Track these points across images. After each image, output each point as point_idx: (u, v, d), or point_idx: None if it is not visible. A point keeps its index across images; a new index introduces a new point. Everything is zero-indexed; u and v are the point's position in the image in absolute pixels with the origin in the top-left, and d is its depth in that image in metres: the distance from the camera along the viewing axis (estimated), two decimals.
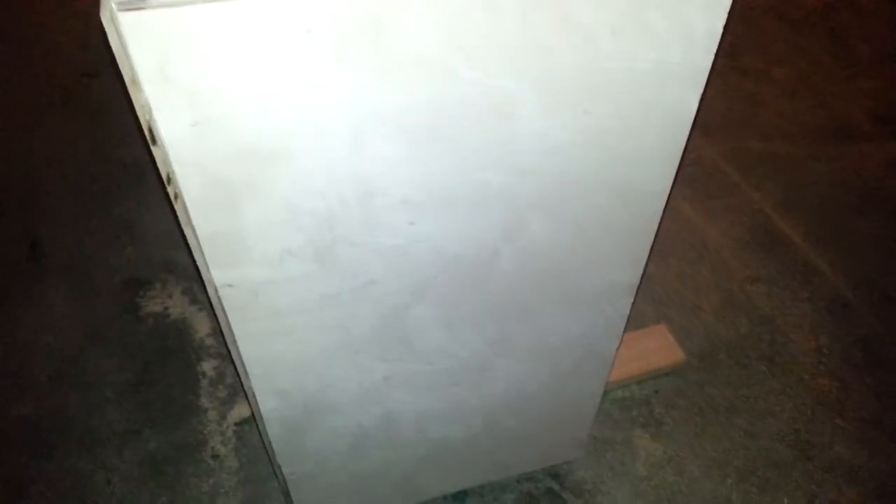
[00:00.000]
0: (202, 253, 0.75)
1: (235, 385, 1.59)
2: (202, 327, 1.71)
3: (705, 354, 1.66)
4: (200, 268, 0.78)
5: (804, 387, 1.61)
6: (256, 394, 0.96)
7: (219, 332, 1.69)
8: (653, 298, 1.75)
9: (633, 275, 1.00)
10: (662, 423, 1.53)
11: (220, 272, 0.78)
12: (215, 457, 1.47)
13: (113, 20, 0.55)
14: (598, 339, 1.12)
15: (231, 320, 0.83)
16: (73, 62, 2.44)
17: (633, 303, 1.06)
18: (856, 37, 2.63)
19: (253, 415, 1.52)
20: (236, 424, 1.53)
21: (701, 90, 0.77)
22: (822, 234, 1.93)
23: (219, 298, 0.81)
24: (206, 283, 0.80)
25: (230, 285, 0.80)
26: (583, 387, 1.23)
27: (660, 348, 1.62)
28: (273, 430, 1.03)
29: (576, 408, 1.28)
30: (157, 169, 0.68)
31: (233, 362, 1.59)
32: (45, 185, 2.03)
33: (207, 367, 1.63)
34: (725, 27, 0.71)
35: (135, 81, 0.59)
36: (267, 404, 0.98)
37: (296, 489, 1.18)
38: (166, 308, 1.75)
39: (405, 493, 1.34)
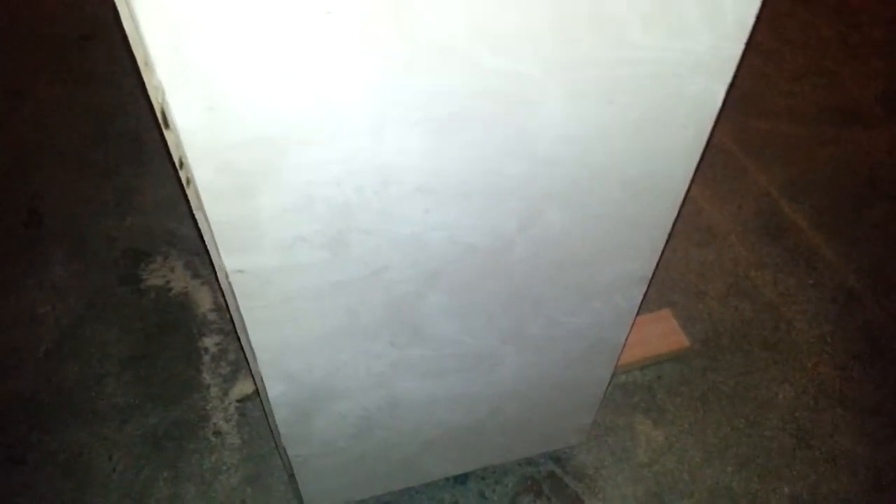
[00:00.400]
0: (213, 238, 0.73)
1: (238, 361, 1.59)
2: (204, 302, 1.70)
3: (709, 340, 1.66)
4: (211, 253, 0.76)
5: (806, 375, 1.61)
6: (265, 378, 0.95)
7: (222, 307, 1.67)
8: (658, 283, 1.74)
9: (646, 267, 0.99)
10: (664, 409, 1.53)
11: (231, 258, 0.76)
12: (217, 433, 1.47)
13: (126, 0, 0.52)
14: (607, 329, 1.11)
15: (241, 306, 0.82)
16: (66, 23, 2.37)
17: (646, 293, 1.05)
18: (868, 18, 2.59)
19: (256, 392, 1.51)
20: (238, 401, 1.52)
21: (728, 82, 0.75)
22: (829, 220, 1.92)
23: (229, 284, 0.79)
24: (217, 269, 0.78)
25: (241, 271, 0.78)
26: (589, 375, 1.22)
27: (664, 334, 1.61)
28: (280, 414, 1.02)
29: (581, 395, 1.28)
30: (157, 138, 0.66)
31: (237, 339, 1.58)
32: (39, 152, 1.99)
33: (210, 342, 1.62)
34: (758, 17, 0.69)
35: (148, 63, 0.57)
36: (275, 389, 0.97)
37: (300, 470, 1.18)
38: (168, 281, 1.73)
39: (408, 474, 1.35)
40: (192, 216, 0.73)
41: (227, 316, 1.67)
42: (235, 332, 1.62)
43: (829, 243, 1.86)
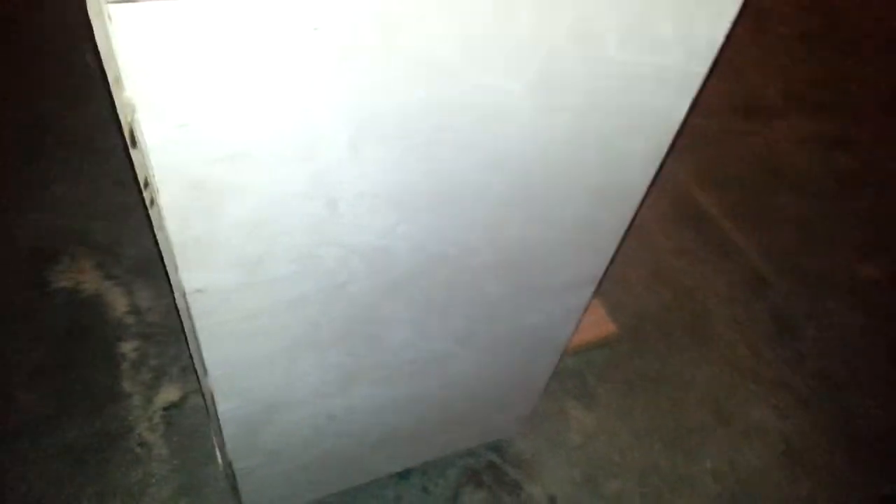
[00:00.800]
0: (174, 257, 0.68)
1: (160, 367, 1.50)
2: (119, 305, 1.59)
3: (634, 326, 1.73)
4: (169, 272, 0.71)
5: (722, 356, 1.71)
6: (216, 394, 0.90)
7: (139, 309, 1.58)
8: None
9: (600, 267, 1.01)
10: (595, 394, 1.59)
11: (191, 276, 0.71)
12: (143, 444, 1.39)
13: (102, 14, 0.47)
14: (557, 327, 1.13)
15: (197, 326, 0.77)
16: None
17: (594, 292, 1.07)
18: (776, 18, 2.75)
19: (182, 399, 1.44)
20: (164, 409, 1.45)
21: (693, 97, 0.77)
22: (738, 208, 2.04)
23: (186, 304, 0.74)
24: (174, 288, 0.73)
25: (200, 290, 0.73)
26: (535, 370, 1.24)
27: (593, 322, 1.67)
28: (229, 429, 0.98)
29: (525, 388, 1.30)
30: (65, 127, 0.60)
31: (158, 344, 1.50)
32: None
33: (128, 347, 1.52)
34: (727, 37, 0.71)
35: (119, 80, 0.51)
36: (226, 404, 0.92)
37: (245, 481, 1.14)
38: (78, 283, 1.61)
39: (352, 475, 1.33)
40: (104, 213, 0.68)
41: (146, 319, 1.57)
42: (156, 335, 1.54)
43: (739, 230, 1.98)
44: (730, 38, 0.70)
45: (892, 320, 1.85)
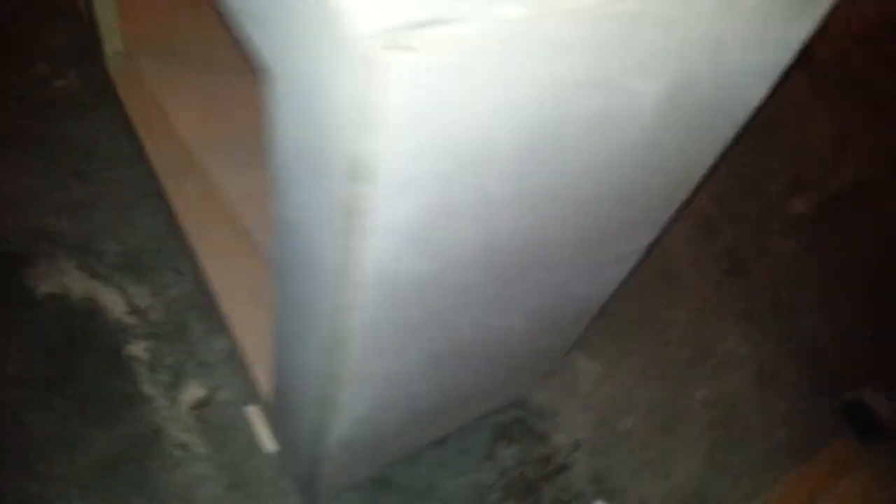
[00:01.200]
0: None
1: (177, 366, 1.47)
2: (116, 306, 1.52)
3: None
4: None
5: (692, 295, 1.89)
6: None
7: (138, 308, 1.52)
8: None
9: (651, 237, 1.10)
10: (594, 342, 1.72)
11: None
12: (180, 445, 1.37)
13: (361, 61, 0.48)
14: (599, 295, 1.22)
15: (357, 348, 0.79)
16: None
17: None
18: None
19: (210, 396, 1.42)
20: (192, 408, 1.42)
21: (772, 85, 0.86)
22: None
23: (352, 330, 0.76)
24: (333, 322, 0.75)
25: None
26: (569, 334, 1.34)
27: None
28: (352, 412, 0.98)
29: (556, 350, 1.40)
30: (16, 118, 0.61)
31: (169, 342, 1.45)
32: None
33: (137, 349, 1.47)
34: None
35: (358, 176, 0.53)
36: (356, 387, 0.93)
37: (329, 466, 1.16)
38: (65, 287, 1.52)
39: (397, 450, 1.38)
40: (67, 209, 0.68)
41: (149, 317, 1.52)
42: (164, 334, 1.49)
43: None
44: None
45: (821, 246, 2.10)
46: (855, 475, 1.63)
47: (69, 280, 1.53)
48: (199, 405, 1.43)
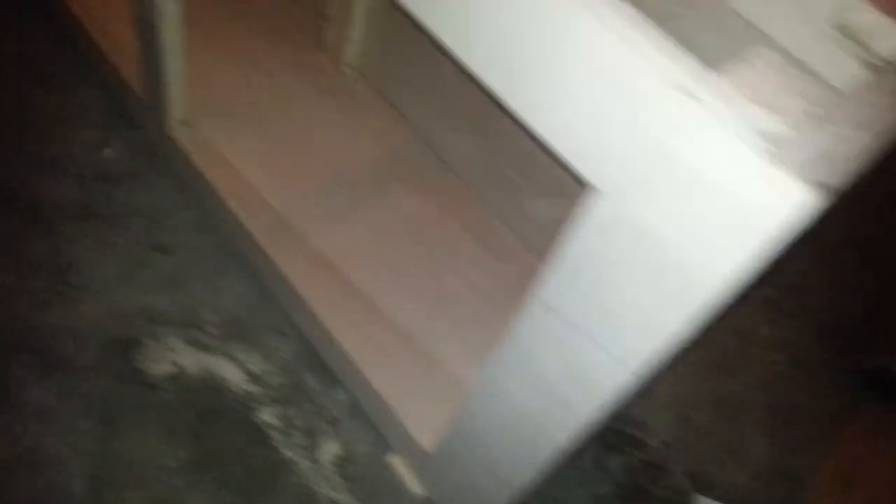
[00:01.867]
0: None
1: (308, 427, 1.53)
2: (234, 375, 1.56)
3: None
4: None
5: None
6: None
7: (256, 375, 1.57)
8: None
9: None
10: None
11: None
12: (334, 503, 1.46)
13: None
14: None
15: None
16: None
17: None
18: None
19: (346, 450, 1.51)
20: (335, 465, 1.50)
21: None
22: None
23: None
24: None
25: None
26: None
27: None
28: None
29: None
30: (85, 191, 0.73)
31: (295, 403, 1.52)
32: None
33: (267, 416, 1.53)
34: None
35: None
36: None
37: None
38: (178, 365, 1.54)
39: None
40: (158, 286, 0.80)
41: (269, 382, 1.57)
42: (287, 396, 1.55)
43: None
44: None
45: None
46: (891, 432, 1.92)
47: (181, 357, 1.56)
48: (341, 462, 1.51)
